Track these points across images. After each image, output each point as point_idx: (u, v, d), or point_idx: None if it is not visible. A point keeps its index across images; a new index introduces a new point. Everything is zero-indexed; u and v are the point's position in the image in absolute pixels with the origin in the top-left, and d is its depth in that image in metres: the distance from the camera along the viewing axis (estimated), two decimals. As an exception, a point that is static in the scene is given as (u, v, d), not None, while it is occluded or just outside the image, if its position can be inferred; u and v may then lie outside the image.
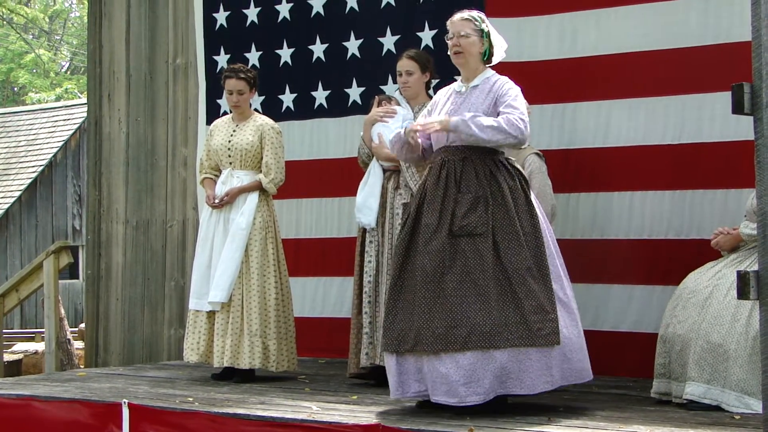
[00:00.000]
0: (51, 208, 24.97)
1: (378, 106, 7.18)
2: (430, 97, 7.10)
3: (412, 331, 5.65)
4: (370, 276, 7.01)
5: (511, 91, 5.82)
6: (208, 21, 9.34)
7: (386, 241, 6.95)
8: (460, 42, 5.90)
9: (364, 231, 7.10)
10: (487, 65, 5.96)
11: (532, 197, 5.82)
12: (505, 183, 5.73)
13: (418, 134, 5.91)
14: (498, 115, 5.74)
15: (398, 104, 7.16)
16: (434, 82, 7.22)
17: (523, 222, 5.69)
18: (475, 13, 5.95)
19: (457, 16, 5.96)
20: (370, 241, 7.05)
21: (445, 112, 5.93)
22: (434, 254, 5.65)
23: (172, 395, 6.57)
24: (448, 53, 6.02)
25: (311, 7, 8.78)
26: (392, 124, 7.00)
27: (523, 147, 6.33)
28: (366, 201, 7.05)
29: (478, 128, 5.64)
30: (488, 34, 5.89)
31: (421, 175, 6.75)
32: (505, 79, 5.91)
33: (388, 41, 8.37)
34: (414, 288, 5.70)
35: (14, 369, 11.83)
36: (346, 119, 8.62)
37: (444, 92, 6.09)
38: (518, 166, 5.90)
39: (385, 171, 7.05)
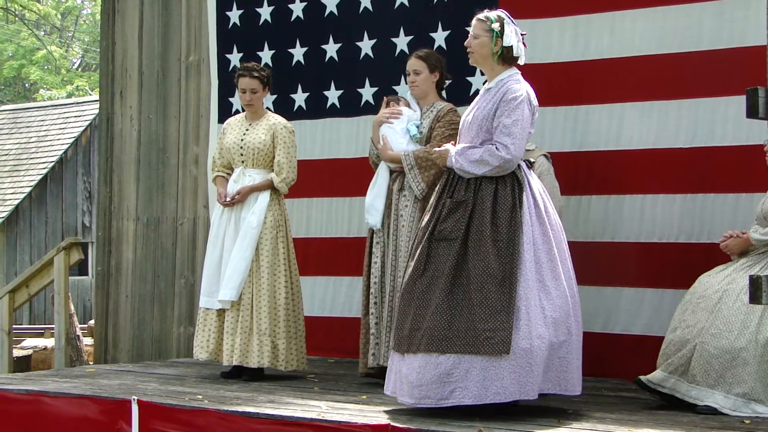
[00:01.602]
0: (61, 205, 25.01)
1: (386, 107, 7.19)
2: (441, 98, 7.12)
3: (395, 331, 5.82)
4: (376, 277, 7.03)
5: (511, 104, 5.72)
6: (221, 19, 9.35)
7: (391, 242, 6.96)
8: (471, 43, 5.91)
9: (372, 232, 7.12)
10: (512, 64, 5.88)
11: (526, 205, 5.70)
12: (492, 188, 5.70)
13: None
14: (492, 126, 5.74)
15: (408, 104, 7.15)
16: (447, 83, 7.21)
17: (501, 229, 5.61)
18: (492, 13, 5.88)
19: (476, 16, 5.94)
20: (377, 242, 7.07)
21: (464, 116, 5.98)
22: (415, 257, 5.77)
23: (181, 393, 6.57)
24: None
25: (325, 6, 8.78)
26: (397, 125, 7.02)
27: (530, 149, 6.33)
28: (373, 202, 7.07)
29: (467, 163, 5.74)
30: (499, 34, 5.80)
31: (423, 177, 6.78)
32: (513, 81, 5.82)
33: (402, 41, 8.37)
34: (400, 290, 5.87)
35: (23, 365, 11.85)
36: (358, 119, 8.62)
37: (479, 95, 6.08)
38: (521, 175, 5.76)
39: (392, 172, 7.05)
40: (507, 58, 5.85)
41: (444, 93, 7.20)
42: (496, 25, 5.82)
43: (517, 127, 5.69)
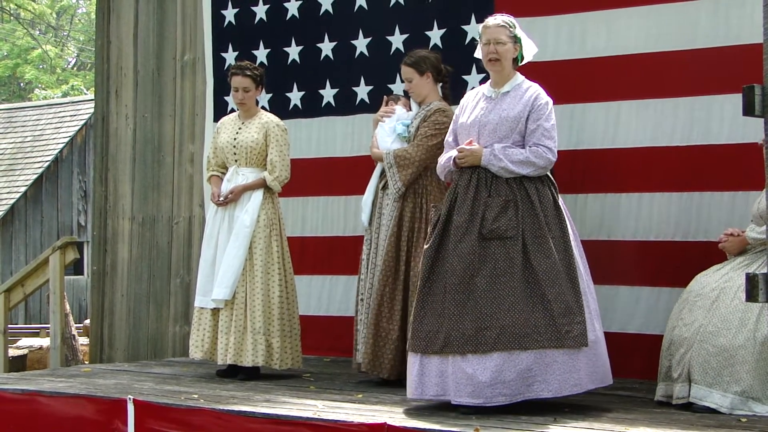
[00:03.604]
0: (56, 204, 24.98)
1: (385, 106, 7.23)
2: (442, 95, 7.12)
3: (442, 332, 5.73)
4: (363, 274, 7.05)
5: (545, 108, 5.92)
6: (217, 18, 9.34)
7: (373, 239, 7.00)
8: (497, 50, 5.98)
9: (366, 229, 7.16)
10: (515, 69, 6.07)
11: (561, 202, 5.93)
12: (534, 188, 5.86)
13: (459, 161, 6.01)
14: (527, 130, 5.88)
15: (407, 103, 7.19)
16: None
17: (552, 226, 5.81)
18: (507, 18, 6.04)
19: (491, 21, 6.03)
20: (366, 240, 7.10)
21: (474, 116, 6.03)
22: (464, 257, 5.75)
23: (177, 392, 6.57)
24: (475, 55, 6.17)
25: (320, 5, 8.77)
26: (387, 123, 7.08)
27: None
28: (367, 200, 7.13)
29: (511, 162, 5.83)
30: (520, 39, 6.01)
31: (401, 176, 6.79)
32: (536, 88, 6.00)
33: (397, 40, 8.35)
34: (444, 290, 5.79)
35: (19, 364, 11.84)
36: (353, 117, 8.61)
37: (472, 95, 6.16)
38: (550, 173, 5.98)
39: (383, 171, 7.07)
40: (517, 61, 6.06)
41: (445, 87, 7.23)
42: (517, 31, 6.01)
43: (555, 130, 5.95)
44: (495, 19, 6.02)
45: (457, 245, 5.78)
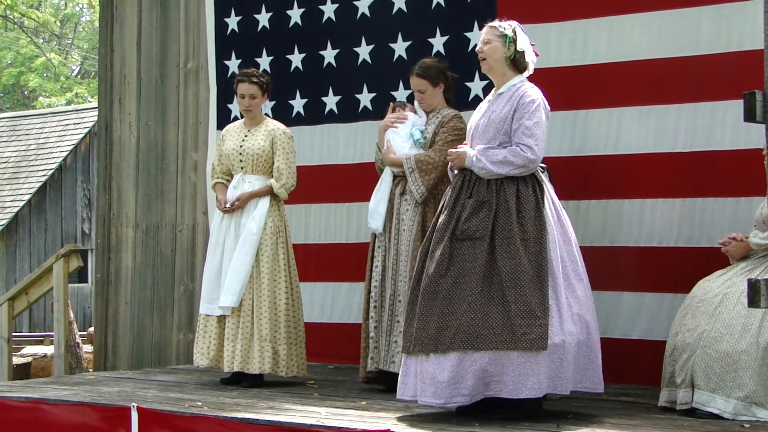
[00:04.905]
0: (60, 212, 25.02)
1: (392, 112, 7.22)
2: (449, 104, 7.14)
3: (415, 332, 5.77)
4: (377, 281, 7.04)
5: (529, 106, 5.85)
6: (220, 26, 9.35)
7: (392, 246, 6.98)
8: (482, 49, 6.01)
9: (375, 236, 7.13)
10: (520, 73, 6.02)
11: (547, 205, 5.85)
12: (514, 189, 5.80)
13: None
14: (511, 129, 5.84)
15: (413, 110, 7.19)
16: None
17: (527, 227, 5.72)
18: (501, 21, 6.05)
19: (486, 24, 6.08)
20: (378, 246, 7.09)
21: (473, 121, 6.07)
22: (437, 258, 5.77)
23: (181, 399, 6.57)
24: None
25: (323, 12, 8.78)
26: (401, 129, 7.07)
27: None
28: (377, 206, 7.10)
29: (490, 163, 5.80)
30: (512, 40, 5.95)
31: (424, 181, 6.81)
32: (528, 86, 5.96)
33: (400, 47, 8.37)
34: (420, 291, 5.83)
35: (23, 372, 11.84)
36: (356, 125, 8.62)
37: (483, 102, 6.19)
38: (539, 174, 5.92)
39: (395, 177, 7.08)
40: (518, 63, 6.00)
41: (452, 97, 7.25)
42: (508, 30, 5.98)
43: (538, 128, 5.84)
44: (489, 23, 6.07)
45: (435, 247, 5.82)
